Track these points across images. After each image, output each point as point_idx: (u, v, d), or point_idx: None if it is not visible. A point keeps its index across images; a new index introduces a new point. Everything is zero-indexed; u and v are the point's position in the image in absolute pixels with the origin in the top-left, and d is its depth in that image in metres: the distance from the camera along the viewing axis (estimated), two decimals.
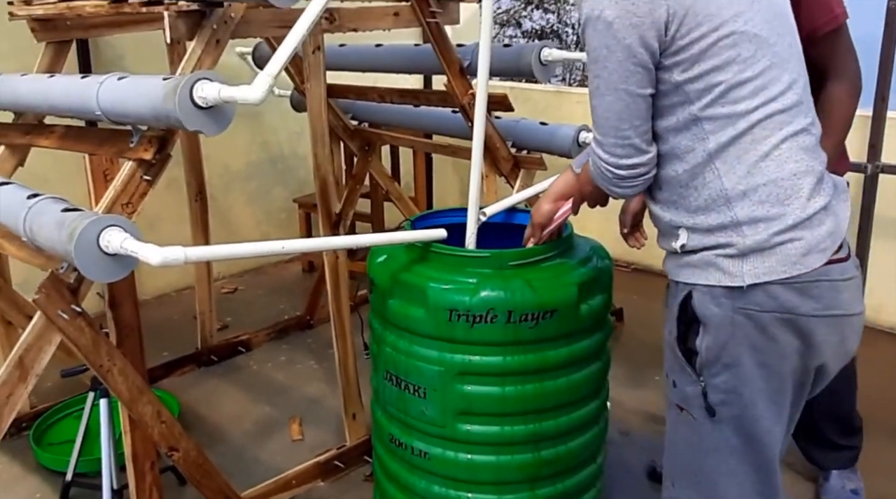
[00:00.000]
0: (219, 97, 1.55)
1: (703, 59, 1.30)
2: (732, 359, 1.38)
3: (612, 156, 1.38)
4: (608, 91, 1.34)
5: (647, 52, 1.30)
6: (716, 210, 1.35)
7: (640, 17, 1.28)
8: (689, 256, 1.40)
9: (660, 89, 1.34)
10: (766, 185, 1.33)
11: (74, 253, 1.50)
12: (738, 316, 1.35)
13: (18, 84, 2.17)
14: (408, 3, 2.46)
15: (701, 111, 1.32)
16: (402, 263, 1.90)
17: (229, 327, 3.60)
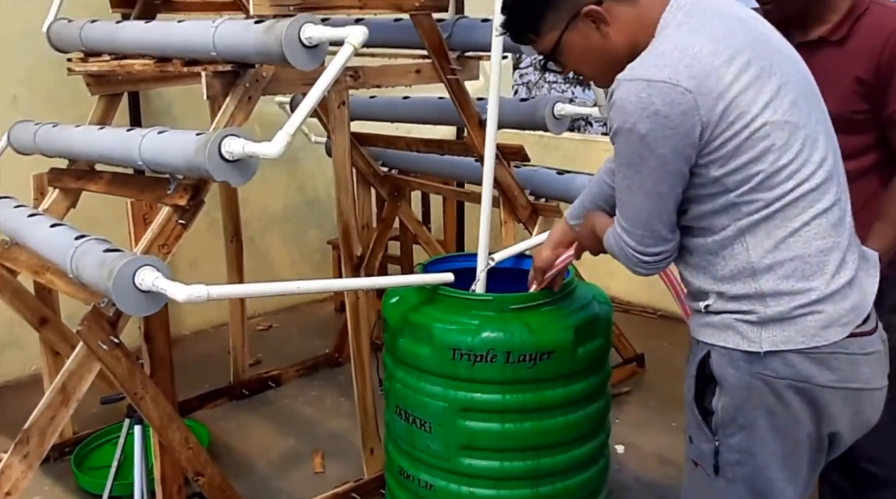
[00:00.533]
0: (243, 152, 1.73)
1: (739, 154, 1.32)
2: (748, 421, 1.40)
3: (639, 245, 1.41)
4: (640, 192, 1.36)
5: (682, 159, 1.33)
6: (741, 280, 1.38)
7: (673, 130, 1.30)
8: (710, 317, 1.42)
9: (696, 182, 1.36)
10: (792, 260, 1.35)
11: (112, 289, 1.68)
12: (755, 380, 1.37)
13: (73, 134, 2.39)
14: (429, 60, 2.64)
15: (738, 197, 1.35)
16: (413, 304, 2.04)
17: (262, 363, 3.76)
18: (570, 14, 1.39)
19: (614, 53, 1.41)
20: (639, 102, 1.30)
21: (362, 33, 1.78)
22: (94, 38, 2.57)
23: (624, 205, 1.42)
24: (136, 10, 2.82)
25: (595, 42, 1.41)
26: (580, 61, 1.46)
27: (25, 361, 3.51)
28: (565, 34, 1.41)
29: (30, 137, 2.62)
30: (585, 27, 1.40)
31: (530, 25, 1.44)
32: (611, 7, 1.38)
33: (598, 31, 1.40)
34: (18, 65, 3.35)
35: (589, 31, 1.40)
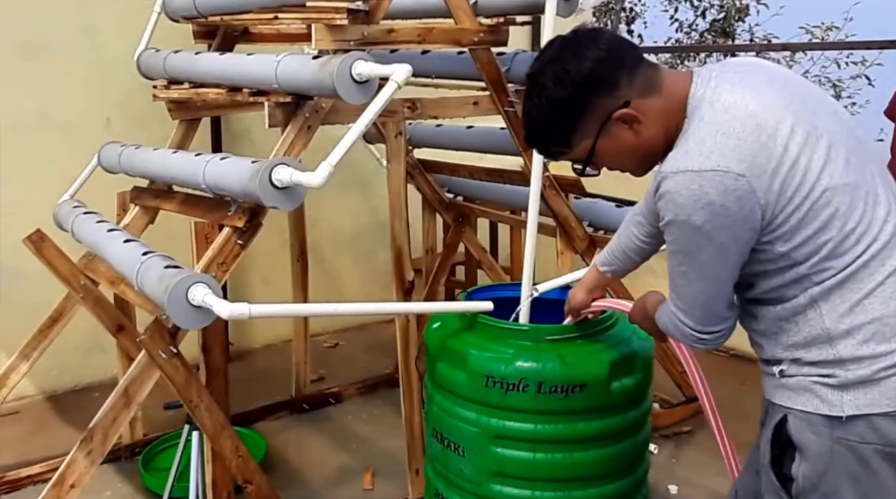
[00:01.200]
0: (290, 180, 1.84)
1: (804, 226, 1.28)
2: (831, 489, 1.33)
3: (697, 324, 1.38)
4: (699, 279, 1.34)
5: (742, 243, 1.29)
6: (817, 347, 1.33)
7: (731, 218, 1.26)
8: (786, 380, 1.37)
9: (762, 258, 1.32)
10: (870, 323, 1.30)
11: (167, 303, 1.81)
12: (838, 446, 1.31)
13: (150, 157, 2.57)
14: (487, 93, 2.71)
15: (809, 269, 1.31)
16: (453, 330, 2.10)
17: (325, 379, 3.88)
18: (600, 121, 1.37)
19: (650, 146, 1.39)
20: (690, 194, 1.26)
21: (406, 71, 1.86)
22: (175, 67, 2.77)
23: (680, 289, 1.38)
24: (216, 42, 3.00)
25: (630, 141, 1.39)
26: (616, 161, 1.44)
27: (108, 365, 3.73)
28: (599, 141, 1.39)
29: (115, 157, 2.82)
30: (618, 130, 1.38)
31: (560, 141, 1.42)
32: (639, 105, 1.36)
33: (631, 130, 1.37)
34: (113, 90, 3.61)
35: (622, 134, 1.38)
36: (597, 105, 1.36)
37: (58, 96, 3.53)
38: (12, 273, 3.51)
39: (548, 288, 2.27)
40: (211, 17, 2.85)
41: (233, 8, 2.69)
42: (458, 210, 3.73)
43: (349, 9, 2.21)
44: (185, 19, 3.02)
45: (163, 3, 3.06)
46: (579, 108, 1.37)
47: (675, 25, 8.81)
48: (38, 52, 3.46)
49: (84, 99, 3.59)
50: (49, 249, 2.68)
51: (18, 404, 3.56)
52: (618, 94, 1.35)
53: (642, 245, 1.72)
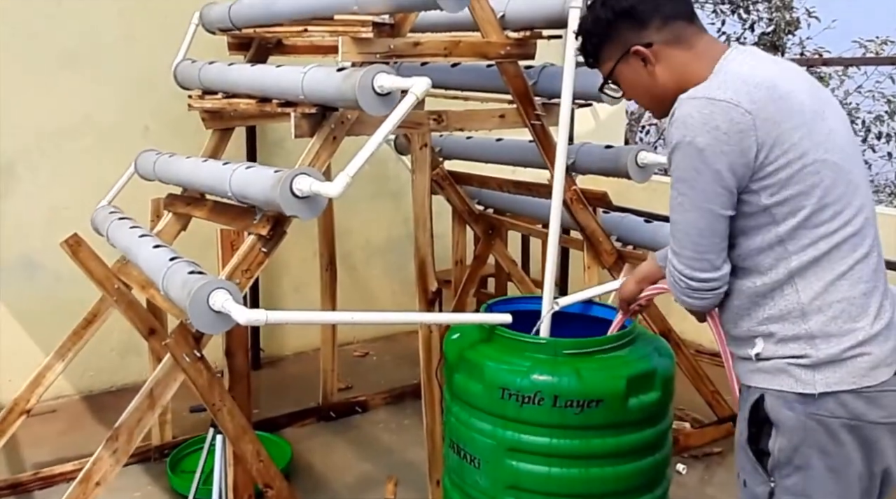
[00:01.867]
0: (310, 190, 1.87)
1: (790, 185, 1.40)
2: (804, 461, 1.45)
3: (687, 268, 1.46)
4: (692, 208, 1.43)
5: (735, 177, 1.40)
6: (790, 321, 1.44)
7: (730, 146, 1.38)
8: (762, 363, 1.48)
9: (745, 211, 1.44)
10: (839, 302, 1.43)
11: (189, 308, 1.85)
12: (810, 421, 1.43)
13: (182, 165, 2.63)
14: (514, 106, 2.71)
15: (786, 233, 1.42)
16: (471, 341, 2.10)
17: (353, 388, 3.91)
18: (622, 49, 1.54)
19: (660, 90, 1.54)
20: (700, 117, 1.39)
21: (425, 84, 1.88)
22: (209, 77, 2.83)
23: (675, 226, 1.48)
24: (251, 53, 3.07)
25: (643, 78, 1.55)
26: (631, 91, 1.61)
27: (143, 367, 3.79)
28: (618, 66, 1.57)
29: (150, 165, 2.89)
30: (635, 63, 1.54)
31: (592, 53, 1.61)
32: (660, 49, 1.52)
33: (645, 68, 1.54)
34: (151, 99, 3.71)
35: (638, 68, 1.55)
36: (623, 35, 1.54)
37: (99, 104, 3.64)
38: (52, 274, 3.62)
39: (568, 302, 2.26)
40: (245, 30, 2.92)
41: (266, 20, 2.75)
42: (487, 222, 3.73)
43: (374, 22, 2.24)
44: (221, 31, 3.09)
45: (200, 16, 3.14)
46: (609, 32, 1.56)
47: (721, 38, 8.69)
48: (80, 61, 3.58)
49: (123, 107, 3.69)
50: (85, 252, 2.76)
51: (55, 403, 3.66)
52: (643, 34, 1.52)
53: None
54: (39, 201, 3.57)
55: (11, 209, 3.53)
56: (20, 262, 3.58)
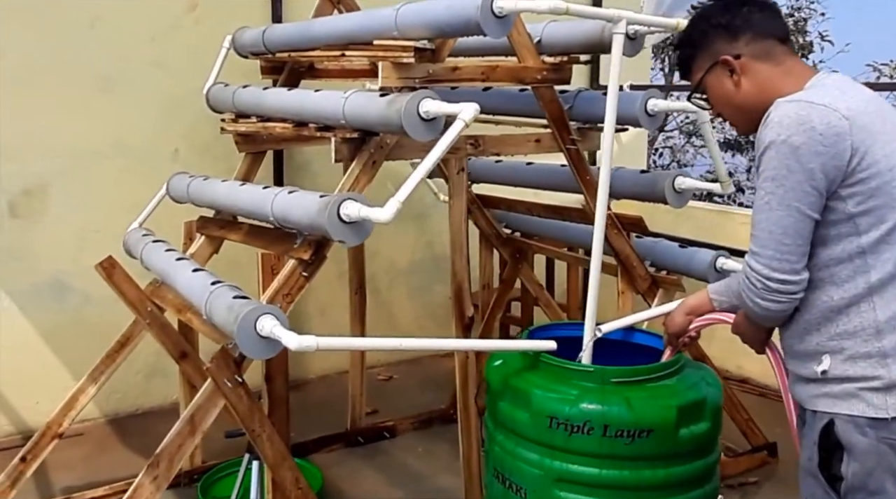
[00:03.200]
0: (359, 215, 1.85)
1: (878, 195, 1.43)
2: (878, 486, 1.44)
3: (766, 267, 1.46)
4: (780, 207, 1.44)
5: (826, 179, 1.42)
6: (863, 338, 1.45)
7: (825, 147, 1.41)
8: (829, 386, 1.48)
9: (830, 219, 1.46)
10: None
11: (236, 333, 1.83)
12: (883, 445, 1.43)
13: (218, 188, 2.63)
14: (549, 130, 2.70)
15: (868, 245, 1.43)
16: (515, 368, 2.07)
17: (379, 412, 3.87)
18: (712, 59, 1.61)
19: (744, 103, 1.59)
20: (797, 118, 1.42)
21: (474, 110, 1.87)
22: (243, 101, 2.84)
23: (759, 225, 1.47)
24: (283, 77, 3.07)
25: (727, 88, 1.61)
26: (717, 103, 1.66)
27: (169, 390, 3.80)
28: (706, 76, 1.63)
29: (184, 188, 2.89)
30: (722, 73, 1.60)
31: (686, 62, 1.69)
32: (747, 62, 1.58)
33: (731, 79, 1.60)
34: (181, 122, 3.72)
35: (724, 78, 1.61)
36: (715, 46, 1.61)
37: (130, 127, 3.66)
38: (81, 296, 3.61)
39: (612, 329, 2.23)
40: (279, 54, 2.93)
41: (301, 45, 2.76)
42: (515, 246, 3.72)
43: (416, 47, 2.24)
44: (253, 55, 3.11)
45: (232, 39, 3.16)
46: (703, 43, 1.63)
47: None
48: (113, 85, 3.60)
49: (154, 130, 3.71)
50: (119, 275, 2.75)
51: (81, 426, 3.63)
52: (733, 45, 1.59)
53: None
54: (70, 223, 3.58)
55: (43, 231, 3.54)
56: (50, 284, 3.58)
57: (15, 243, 3.49)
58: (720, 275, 2.84)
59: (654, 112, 2.52)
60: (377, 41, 2.37)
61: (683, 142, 10.38)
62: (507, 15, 2.06)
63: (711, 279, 2.84)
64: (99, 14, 3.53)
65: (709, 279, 2.84)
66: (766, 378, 4.20)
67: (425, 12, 2.18)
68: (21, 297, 3.53)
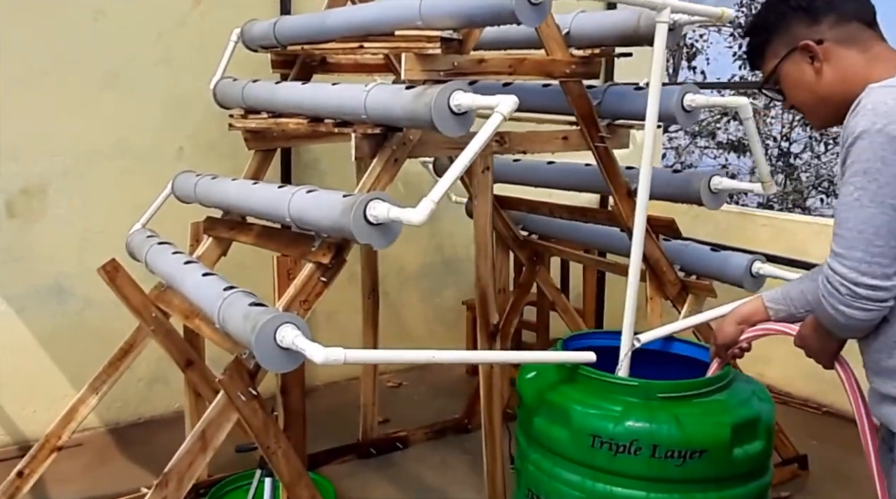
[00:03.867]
0: (387, 216, 1.71)
1: None
2: None
3: (853, 271, 1.32)
4: (871, 204, 1.30)
5: None
6: None
7: None
8: None
9: None
10: None
11: (254, 343, 1.68)
12: None
13: (229, 187, 2.48)
14: (577, 127, 2.56)
15: None
16: (550, 381, 1.93)
17: (390, 421, 3.73)
18: (790, 45, 1.48)
19: (825, 92, 1.46)
20: (895, 105, 1.29)
21: (512, 103, 1.73)
22: (254, 96, 2.69)
23: (844, 224, 1.33)
24: (294, 71, 2.93)
25: (808, 77, 1.47)
26: (793, 93, 1.52)
27: (171, 398, 3.65)
28: (783, 63, 1.49)
29: (190, 187, 2.75)
30: (801, 60, 1.47)
31: (758, 49, 1.55)
32: (831, 47, 1.44)
33: (811, 66, 1.46)
34: (186, 119, 3.57)
35: (804, 65, 1.47)
36: (793, 30, 1.47)
37: (133, 126, 3.50)
38: (82, 301, 3.46)
39: (651, 338, 2.09)
40: (291, 47, 2.78)
41: (315, 37, 2.61)
42: (532, 249, 3.57)
43: (443, 38, 2.09)
44: (263, 49, 2.96)
45: (241, 32, 3.01)
46: (779, 27, 1.50)
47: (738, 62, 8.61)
48: (118, 83, 3.45)
49: (158, 129, 3.56)
50: (122, 279, 2.60)
51: (81, 436, 3.47)
52: (815, 29, 1.45)
53: None
54: (72, 224, 3.42)
55: (43, 233, 3.38)
56: (50, 286, 3.42)
57: (14, 244, 3.34)
58: (756, 280, 2.71)
59: (692, 108, 2.38)
60: (399, 32, 2.23)
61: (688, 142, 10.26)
62: (543, 2, 1.92)
63: (747, 285, 2.70)
64: (102, 9, 3.38)
65: (744, 285, 2.70)
66: (788, 386, 4.06)
67: (453, 1, 2.04)
68: (19, 300, 3.38)
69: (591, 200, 4.64)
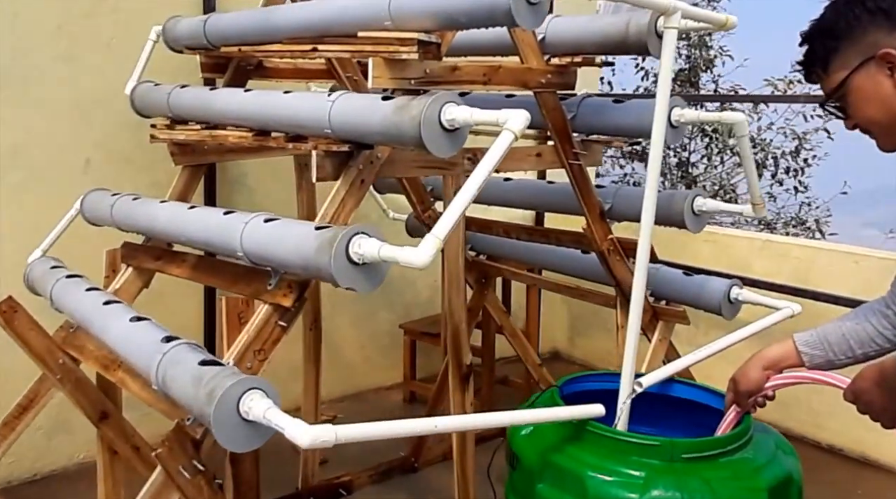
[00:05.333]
0: (377, 256, 1.41)
1: None
2: None
3: None
4: None
5: None
6: None
7: None
8: None
9: None
10: None
11: (213, 418, 1.35)
12: None
13: (158, 211, 2.11)
14: (550, 144, 2.34)
15: None
16: (553, 440, 1.68)
17: (329, 462, 3.38)
18: (865, 54, 1.30)
19: None
20: None
21: (524, 118, 1.48)
22: (184, 104, 2.33)
23: None
24: (228, 76, 2.57)
25: (885, 92, 1.30)
26: (864, 110, 1.33)
27: (74, 449, 3.19)
28: (854, 75, 1.31)
29: (106, 208, 2.35)
30: (878, 72, 1.29)
31: (822, 58, 1.35)
32: None
33: (891, 79, 1.29)
34: (94, 126, 3.12)
35: (881, 77, 1.30)
36: (870, 35, 1.30)
37: (30, 134, 3.01)
38: None
39: (654, 381, 1.88)
40: (224, 48, 2.43)
41: (256, 37, 2.27)
42: (481, 270, 3.33)
43: (420, 40, 1.81)
44: (189, 50, 2.59)
45: (163, 31, 2.64)
46: (853, 32, 1.31)
47: (641, 73, 8.73)
48: (9, 80, 2.95)
49: (60, 136, 3.08)
50: (21, 320, 2.19)
51: None
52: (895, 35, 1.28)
53: (876, 337, 1.47)
54: None
55: None
56: None
57: None
58: (734, 306, 2.55)
59: (680, 123, 2.19)
60: (363, 33, 1.93)
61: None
62: (542, 2, 1.67)
63: (725, 312, 2.54)
64: None
65: (722, 312, 2.54)
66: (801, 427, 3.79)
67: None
68: None
69: (526, 216, 4.44)
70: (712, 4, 9.14)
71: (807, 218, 9.12)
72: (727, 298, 2.53)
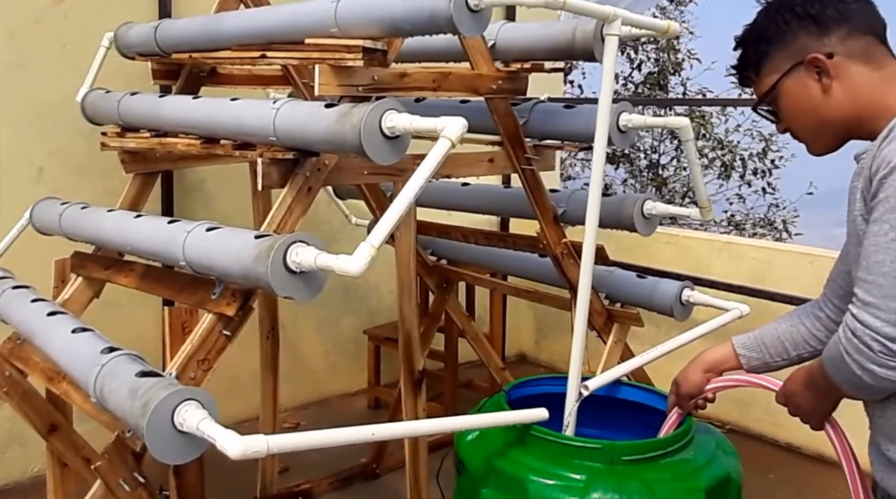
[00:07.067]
0: (314, 264, 1.41)
1: None
2: None
3: (888, 324, 1.13)
4: None
5: None
6: None
7: None
8: None
9: None
10: None
11: (146, 430, 1.33)
12: None
13: (104, 220, 2.09)
14: (502, 149, 2.35)
15: None
16: (497, 445, 1.69)
17: (290, 470, 3.37)
18: (794, 59, 1.31)
19: (832, 114, 1.31)
20: None
21: (461, 126, 1.49)
22: (133, 111, 2.31)
23: (877, 268, 1.15)
24: (180, 83, 2.56)
25: (813, 96, 1.31)
26: (794, 113, 1.35)
27: (28, 462, 3.14)
28: (784, 79, 1.33)
29: (54, 217, 2.33)
30: (807, 77, 1.31)
31: (754, 62, 1.37)
32: (842, 63, 1.29)
33: (819, 83, 1.30)
34: (47, 134, 3.09)
35: (810, 83, 1.31)
36: (799, 40, 1.31)
37: None
38: None
39: (600, 384, 1.89)
40: (176, 55, 2.42)
41: (207, 44, 2.26)
42: (442, 275, 3.33)
43: (365, 48, 1.82)
44: (141, 56, 2.57)
45: (115, 37, 2.61)
46: (783, 36, 1.33)
47: None
48: None
49: (12, 145, 3.04)
50: None
51: None
52: (824, 42, 1.30)
53: (810, 339, 1.49)
54: None
55: None
56: None
57: None
58: (685, 308, 2.58)
59: (628, 128, 2.21)
60: (310, 40, 1.93)
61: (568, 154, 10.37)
62: (484, 9, 1.69)
63: (677, 314, 2.56)
64: None
65: (674, 314, 2.56)
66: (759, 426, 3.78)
67: (376, 5, 1.77)
68: None
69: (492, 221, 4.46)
70: (679, 9, 9.29)
71: (775, 219, 9.27)
72: (678, 300, 2.55)
